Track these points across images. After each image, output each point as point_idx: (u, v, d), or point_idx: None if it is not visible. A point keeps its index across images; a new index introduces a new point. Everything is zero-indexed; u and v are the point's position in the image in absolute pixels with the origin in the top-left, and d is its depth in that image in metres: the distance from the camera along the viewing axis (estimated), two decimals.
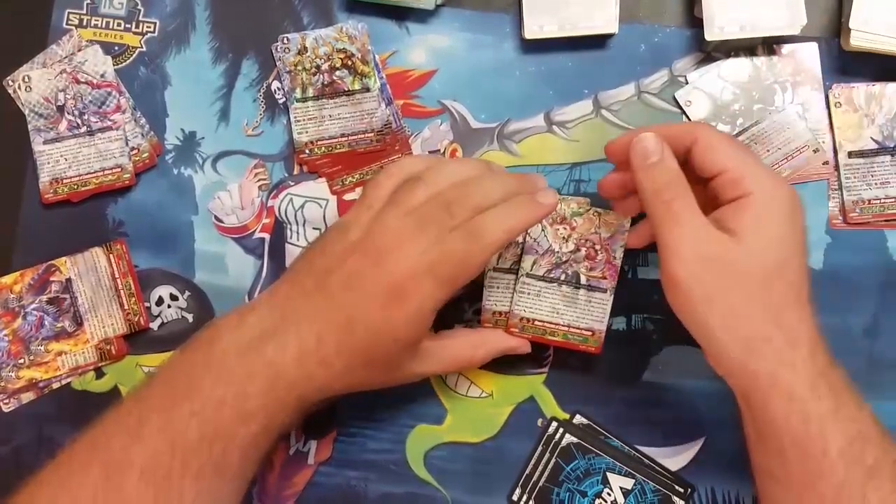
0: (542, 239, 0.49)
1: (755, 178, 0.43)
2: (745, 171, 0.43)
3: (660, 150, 0.44)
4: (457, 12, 0.55)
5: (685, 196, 0.43)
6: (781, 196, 0.43)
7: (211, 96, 0.55)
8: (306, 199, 0.54)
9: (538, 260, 0.49)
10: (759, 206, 0.42)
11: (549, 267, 0.49)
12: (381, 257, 0.42)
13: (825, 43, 0.54)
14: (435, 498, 0.52)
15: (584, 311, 0.49)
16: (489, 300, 0.50)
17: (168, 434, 0.41)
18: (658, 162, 0.44)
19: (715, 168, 0.44)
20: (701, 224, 0.43)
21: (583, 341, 0.50)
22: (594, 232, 0.49)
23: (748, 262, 0.42)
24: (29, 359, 0.52)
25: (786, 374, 0.41)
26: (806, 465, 0.40)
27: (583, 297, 0.49)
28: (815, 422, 0.40)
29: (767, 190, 0.43)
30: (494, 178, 0.46)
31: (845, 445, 0.40)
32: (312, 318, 0.43)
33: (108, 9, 0.55)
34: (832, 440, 0.40)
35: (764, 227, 0.42)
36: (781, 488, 0.42)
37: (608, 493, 0.51)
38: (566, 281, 0.49)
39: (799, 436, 0.40)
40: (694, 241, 0.42)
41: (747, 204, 0.42)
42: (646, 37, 0.54)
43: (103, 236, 0.54)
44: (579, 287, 0.49)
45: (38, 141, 0.54)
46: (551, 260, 0.49)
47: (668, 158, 0.44)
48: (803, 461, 0.40)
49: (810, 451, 0.40)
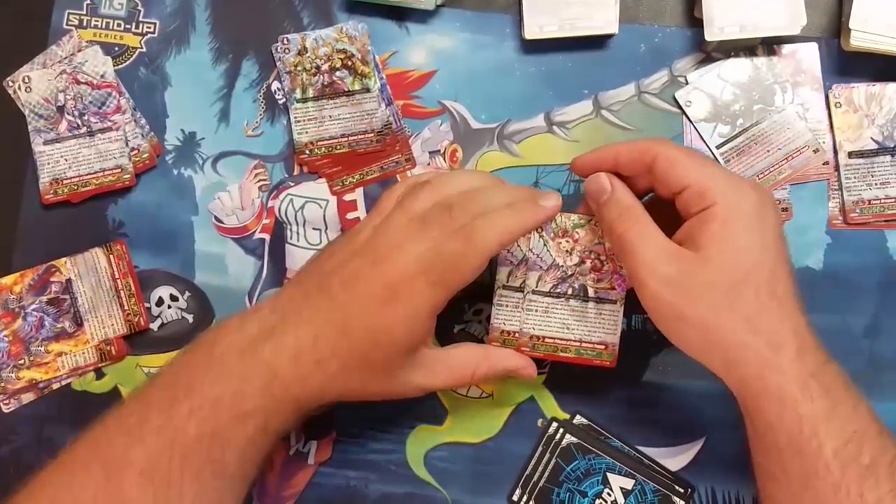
0: (546, 254, 0.48)
1: (718, 187, 0.43)
2: (708, 183, 0.43)
3: (608, 187, 0.45)
4: (457, 12, 0.55)
5: (638, 223, 0.44)
6: (747, 201, 0.43)
7: (211, 97, 0.55)
8: (306, 200, 0.54)
9: (543, 276, 0.48)
10: (723, 216, 0.42)
11: (555, 282, 0.48)
12: (379, 258, 0.42)
13: (825, 43, 0.54)
14: (435, 498, 0.52)
15: (594, 324, 0.48)
16: (497, 318, 0.49)
17: (167, 433, 0.41)
18: (608, 199, 0.45)
19: (678, 183, 0.44)
20: (658, 248, 0.43)
21: (597, 356, 0.49)
22: (598, 243, 0.48)
23: (713, 275, 0.42)
24: (29, 359, 0.52)
25: (773, 378, 0.41)
26: (802, 465, 0.40)
27: (592, 309, 0.48)
28: (808, 423, 0.40)
29: (731, 198, 0.43)
30: (502, 187, 0.46)
31: (840, 445, 0.40)
32: (311, 319, 0.43)
33: (108, 9, 0.55)
34: (826, 441, 0.40)
35: (729, 235, 0.42)
36: (780, 488, 0.42)
37: (608, 493, 0.51)
38: (574, 295, 0.48)
39: (794, 437, 0.40)
40: (653, 266, 0.42)
41: (712, 215, 0.42)
42: (646, 37, 0.54)
43: (103, 237, 0.54)
44: (588, 300, 0.48)
45: (39, 141, 0.54)
46: (556, 274, 0.48)
47: (617, 191, 0.45)
48: (799, 461, 0.40)
49: (805, 451, 0.40)
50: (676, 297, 0.42)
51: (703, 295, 0.42)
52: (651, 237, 0.43)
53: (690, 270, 0.42)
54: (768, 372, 0.41)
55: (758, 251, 0.42)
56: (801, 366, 0.41)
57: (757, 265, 0.42)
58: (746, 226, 0.42)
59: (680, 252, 0.43)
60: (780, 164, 0.53)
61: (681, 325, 0.43)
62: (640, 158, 0.45)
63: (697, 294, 0.42)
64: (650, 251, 0.43)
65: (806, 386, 0.40)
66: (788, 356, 0.41)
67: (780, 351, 0.41)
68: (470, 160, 0.54)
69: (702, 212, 0.43)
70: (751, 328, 0.41)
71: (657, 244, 0.43)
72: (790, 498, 0.41)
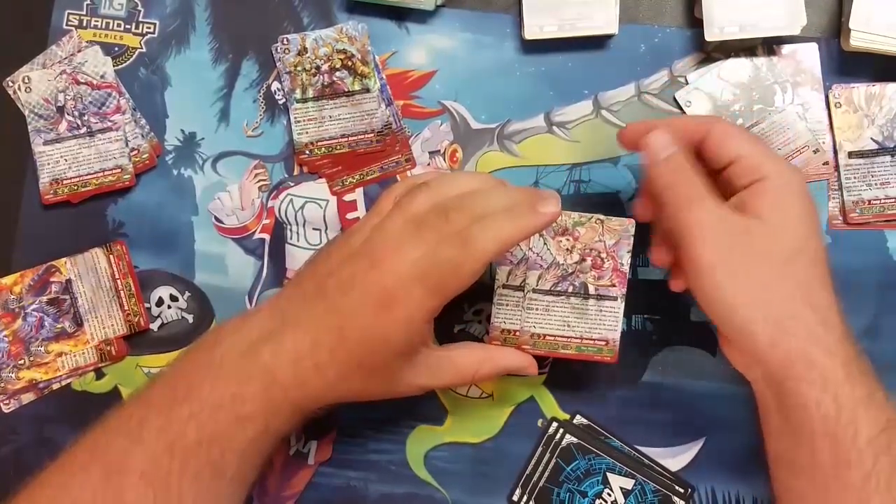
0: (546, 252, 0.49)
1: (770, 162, 0.44)
2: (762, 157, 0.44)
3: (671, 145, 0.45)
4: (457, 13, 0.55)
5: (699, 183, 0.44)
6: (796, 179, 0.44)
7: (211, 97, 0.55)
8: (306, 200, 0.54)
9: (543, 274, 0.49)
10: (777, 188, 0.43)
11: (556, 280, 0.48)
12: (376, 262, 0.42)
13: (825, 43, 0.54)
14: (435, 498, 0.52)
15: (595, 321, 0.49)
16: (498, 317, 0.49)
17: (167, 436, 0.41)
18: (671, 156, 0.45)
19: (731, 155, 0.44)
20: (719, 206, 0.43)
21: (597, 352, 0.49)
22: (598, 240, 0.48)
23: (772, 240, 0.42)
24: (29, 360, 0.52)
25: (820, 357, 0.40)
26: (834, 452, 0.40)
27: (593, 307, 0.48)
28: (848, 409, 0.40)
29: (784, 173, 0.43)
30: (501, 190, 0.45)
31: (875, 434, 0.39)
32: (309, 323, 0.43)
33: (108, 9, 0.55)
34: (863, 428, 0.39)
35: (784, 207, 0.43)
36: (806, 479, 0.41)
37: (608, 493, 0.51)
38: (574, 293, 0.48)
39: (830, 422, 0.40)
40: (716, 222, 0.42)
41: (765, 187, 0.43)
42: (646, 37, 0.54)
43: (103, 237, 0.54)
44: (588, 297, 0.48)
45: (38, 142, 0.54)
46: (557, 273, 0.48)
47: (680, 152, 0.45)
48: (832, 449, 0.40)
49: (840, 438, 0.39)
50: (738, 255, 0.42)
51: (762, 259, 0.42)
52: (711, 197, 0.43)
53: (751, 233, 0.42)
54: (817, 350, 0.40)
55: (810, 227, 0.43)
56: (847, 349, 0.41)
57: (810, 238, 0.43)
58: (798, 201, 0.43)
59: (739, 216, 0.43)
60: None
61: (734, 289, 0.42)
62: (693, 133, 0.46)
63: (759, 256, 0.42)
64: (713, 208, 0.43)
65: (849, 371, 0.40)
66: (836, 337, 0.41)
67: (829, 330, 0.41)
68: (470, 160, 0.54)
69: (753, 184, 0.43)
70: (805, 299, 0.41)
71: (717, 203, 0.43)
72: (816, 488, 0.41)
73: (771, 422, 0.43)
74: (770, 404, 0.43)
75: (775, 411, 0.42)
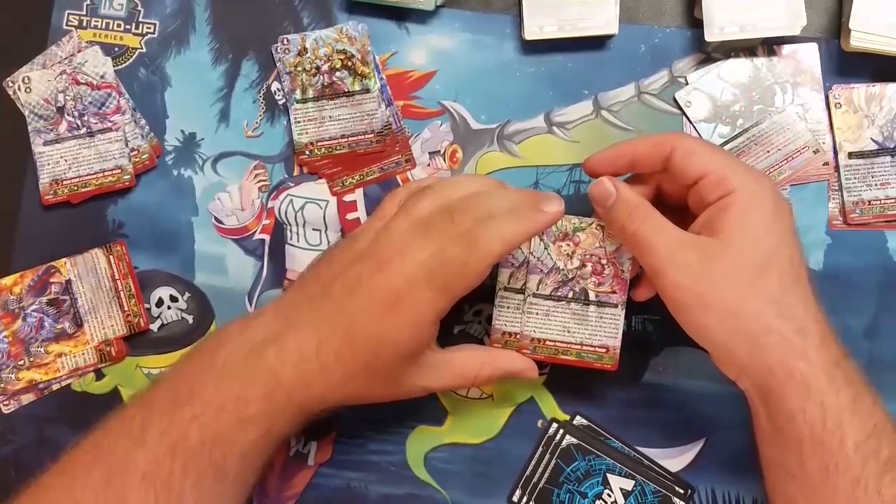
0: (546, 257, 0.48)
1: (737, 175, 0.43)
2: (727, 171, 0.43)
3: (612, 190, 0.45)
4: (457, 13, 0.55)
5: (650, 218, 0.44)
6: (764, 190, 0.43)
7: (211, 97, 0.55)
8: (306, 201, 0.54)
9: (543, 279, 0.48)
10: (743, 201, 0.42)
11: (556, 285, 0.48)
12: (382, 264, 0.42)
13: (825, 43, 0.54)
14: (435, 499, 0.52)
15: (595, 327, 0.48)
16: (499, 320, 0.49)
17: (169, 438, 0.41)
18: (615, 201, 0.45)
19: (697, 171, 0.44)
20: (675, 237, 0.43)
21: (598, 359, 0.48)
22: (599, 246, 0.48)
23: (736, 259, 0.42)
24: (29, 360, 0.52)
25: (800, 366, 0.40)
26: (822, 459, 0.40)
27: (593, 313, 0.48)
28: (833, 415, 0.40)
29: (750, 185, 0.43)
30: (504, 191, 0.46)
31: (862, 439, 0.40)
32: (314, 325, 0.43)
33: (107, 10, 0.55)
34: (849, 434, 0.40)
35: (749, 221, 0.42)
36: (796, 484, 0.41)
37: (608, 494, 0.51)
38: (575, 298, 0.48)
39: (816, 429, 0.40)
40: (671, 255, 0.42)
41: (731, 201, 0.43)
42: (646, 37, 0.54)
43: (103, 237, 0.54)
44: (589, 303, 0.48)
45: (38, 142, 0.54)
46: (557, 278, 0.48)
47: (623, 192, 0.45)
48: (820, 455, 0.40)
49: (827, 444, 0.40)
50: (698, 283, 0.42)
51: (727, 279, 0.41)
52: (665, 229, 0.43)
53: (711, 256, 0.42)
54: (795, 360, 0.40)
55: (778, 236, 0.42)
56: (827, 355, 0.41)
57: (778, 249, 0.42)
58: (767, 212, 0.43)
59: (698, 239, 0.43)
60: (780, 165, 0.53)
61: (703, 313, 0.42)
62: (658, 151, 0.45)
63: (720, 279, 0.41)
64: (667, 242, 0.43)
65: (832, 376, 0.40)
66: (814, 344, 0.41)
67: (807, 338, 0.41)
68: (470, 161, 0.54)
69: (720, 199, 0.43)
70: (777, 312, 0.41)
71: (673, 234, 0.43)
72: (806, 494, 0.41)
73: (761, 428, 0.43)
74: (760, 412, 0.43)
75: (765, 419, 0.43)
